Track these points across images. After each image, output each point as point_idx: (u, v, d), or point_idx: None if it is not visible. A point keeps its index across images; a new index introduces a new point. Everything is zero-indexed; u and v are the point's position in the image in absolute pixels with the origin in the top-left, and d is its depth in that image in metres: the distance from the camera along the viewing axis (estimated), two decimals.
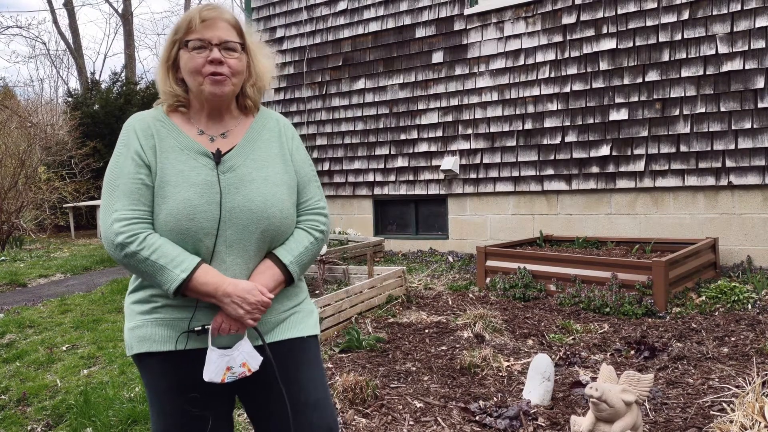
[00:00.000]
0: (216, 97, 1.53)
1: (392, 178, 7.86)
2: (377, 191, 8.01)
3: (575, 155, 6.44)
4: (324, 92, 8.45)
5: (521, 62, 6.78)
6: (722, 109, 5.63)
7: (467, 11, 7.16)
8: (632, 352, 3.59)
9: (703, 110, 5.72)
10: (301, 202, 1.63)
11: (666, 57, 5.91)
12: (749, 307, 4.41)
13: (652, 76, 5.98)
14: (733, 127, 5.57)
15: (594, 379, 3.04)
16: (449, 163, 7.22)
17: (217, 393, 1.54)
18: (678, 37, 5.84)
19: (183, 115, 1.58)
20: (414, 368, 3.46)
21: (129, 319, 1.55)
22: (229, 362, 1.46)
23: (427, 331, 4.18)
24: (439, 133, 7.43)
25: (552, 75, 6.58)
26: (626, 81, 6.11)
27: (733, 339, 3.74)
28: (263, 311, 1.48)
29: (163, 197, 1.46)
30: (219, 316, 1.47)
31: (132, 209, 1.44)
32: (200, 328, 1.48)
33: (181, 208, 1.44)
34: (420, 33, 7.56)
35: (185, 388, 1.50)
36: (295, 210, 1.60)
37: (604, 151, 6.25)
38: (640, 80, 6.04)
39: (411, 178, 7.70)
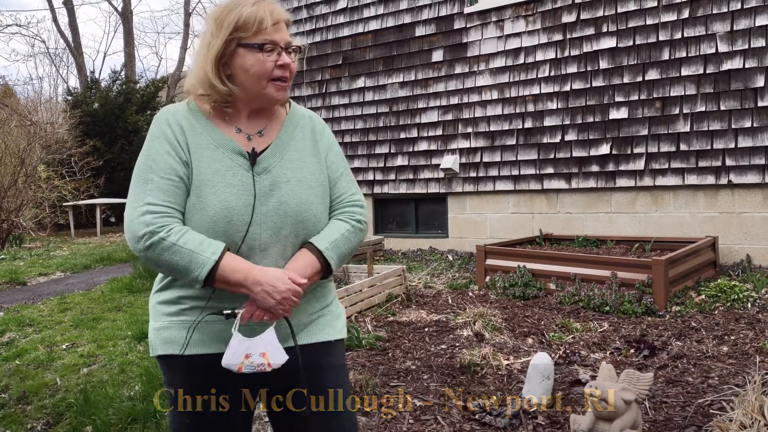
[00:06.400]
0: (279, 101, 1.51)
1: (392, 176, 7.86)
2: (377, 190, 8.01)
3: (575, 154, 6.44)
4: (324, 91, 8.44)
5: (521, 61, 6.78)
6: (722, 107, 5.62)
7: (467, 10, 7.15)
8: (632, 350, 3.59)
9: (703, 109, 5.72)
10: (335, 197, 1.59)
11: (666, 56, 5.90)
12: (749, 305, 4.41)
13: (652, 74, 5.97)
14: (733, 126, 5.57)
15: (594, 377, 3.04)
16: (449, 161, 7.22)
17: (238, 393, 1.52)
18: (678, 35, 5.84)
19: (219, 112, 1.51)
20: (414, 367, 3.46)
21: (155, 318, 1.52)
22: (248, 349, 1.41)
23: (426, 329, 4.18)
24: (439, 132, 7.42)
25: (552, 73, 6.57)
26: (626, 80, 6.11)
27: (732, 338, 3.74)
28: (296, 301, 1.42)
29: (199, 197, 1.41)
30: (250, 304, 1.42)
31: (165, 204, 1.39)
32: (230, 312, 1.43)
33: (218, 209, 1.40)
34: (420, 31, 7.55)
35: (208, 390, 1.48)
36: (327, 214, 1.56)
37: (604, 149, 6.24)
38: (640, 79, 6.04)
39: (411, 176, 7.70)
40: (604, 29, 6.24)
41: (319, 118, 1.67)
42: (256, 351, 1.41)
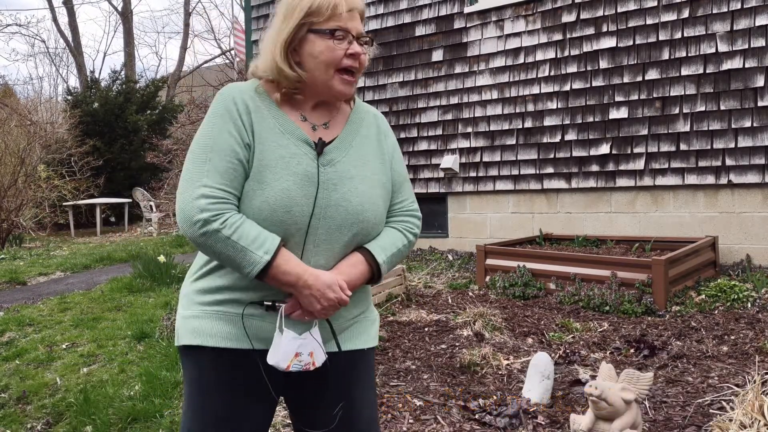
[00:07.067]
0: (344, 95, 1.44)
1: None
2: None
3: (575, 154, 6.43)
4: None
5: (521, 60, 6.78)
6: (722, 107, 5.62)
7: (467, 9, 7.15)
8: (632, 350, 3.59)
9: (703, 109, 5.71)
10: (396, 202, 1.55)
11: (666, 55, 5.90)
12: (749, 305, 4.41)
13: (652, 74, 5.97)
14: (733, 126, 5.57)
15: (594, 377, 3.04)
16: (449, 161, 7.22)
17: (264, 394, 1.45)
18: (678, 35, 5.83)
19: (286, 96, 1.44)
20: (413, 367, 3.46)
21: (185, 306, 1.45)
22: (299, 348, 1.36)
23: (426, 329, 4.18)
24: (439, 132, 7.42)
25: (552, 73, 6.57)
26: (626, 79, 6.11)
27: (732, 337, 3.74)
28: (338, 309, 1.40)
29: (260, 182, 1.34)
30: (292, 301, 1.38)
31: (222, 189, 1.32)
32: (270, 303, 1.38)
33: (279, 197, 1.34)
34: (420, 31, 7.55)
35: (234, 388, 1.42)
36: (385, 215, 1.52)
37: (604, 149, 6.24)
38: (640, 79, 6.03)
39: (411, 176, 7.68)
40: (604, 29, 6.24)
41: (383, 117, 1.63)
42: (305, 350, 1.38)
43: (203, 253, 1.40)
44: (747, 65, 5.50)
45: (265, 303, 1.39)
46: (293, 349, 1.36)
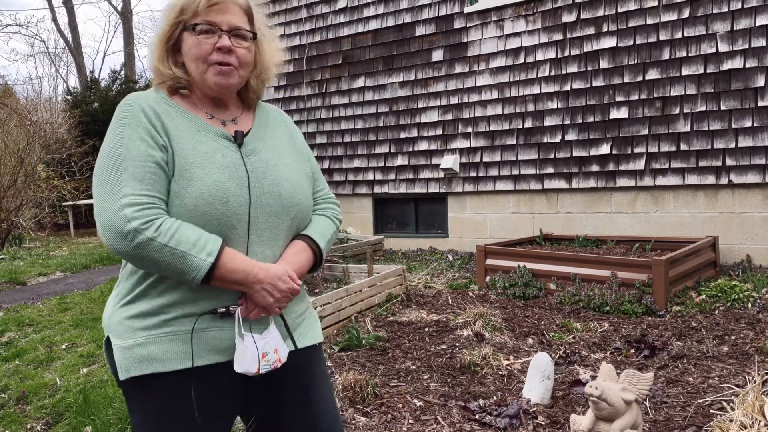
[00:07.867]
0: (221, 87, 1.40)
1: (392, 176, 7.85)
2: (377, 190, 8.00)
3: (575, 154, 6.43)
4: (324, 90, 8.44)
5: (521, 60, 6.77)
6: (722, 107, 5.62)
7: (467, 9, 7.15)
8: (632, 350, 3.59)
9: (703, 109, 5.71)
10: (316, 191, 1.59)
11: (666, 55, 5.90)
12: (749, 305, 4.41)
13: (653, 74, 5.97)
14: (734, 126, 5.57)
15: (594, 377, 3.04)
16: (449, 161, 7.21)
17: (229, 408, 1.40)
18: (678, 35, 5.83)
19: (186, 99, 1.43)
20: (414, 367, 3.46)
21: (122, 335, 1.32)
22: (264, 348, 1.32)
23: (426, 329, 4.18)
24: (439, 132, 7.42)
25: (552, 73, 6.57)
26: (626, 79, 6.11)
27: (733, 338, 3.74)
28: (291, 299, 1.38)
29: (189, 179, 1.29)
30: (247, 302, 1.35)
31: (146, 194, 1.25)
32: (224, 309, 1.32)
33: (213, 190, 1.29)
34: (420, 31, 7.55)
35: (199, 410, 1.32)
36: (312, 202, 1.55)
37: (605, 149, 6.24)
38: (640, 78, 6.03)
39: (411, 176, 7.69)
40: (605, 29, 6.24)
41: (287, 115, 1.66)
42: (270, 348, 1.35)
43: (138, 267, 1.30)
44: (747, 65, 5.49)
45: (219, 311, 1.33)
46: (258, 350, 1.32)
